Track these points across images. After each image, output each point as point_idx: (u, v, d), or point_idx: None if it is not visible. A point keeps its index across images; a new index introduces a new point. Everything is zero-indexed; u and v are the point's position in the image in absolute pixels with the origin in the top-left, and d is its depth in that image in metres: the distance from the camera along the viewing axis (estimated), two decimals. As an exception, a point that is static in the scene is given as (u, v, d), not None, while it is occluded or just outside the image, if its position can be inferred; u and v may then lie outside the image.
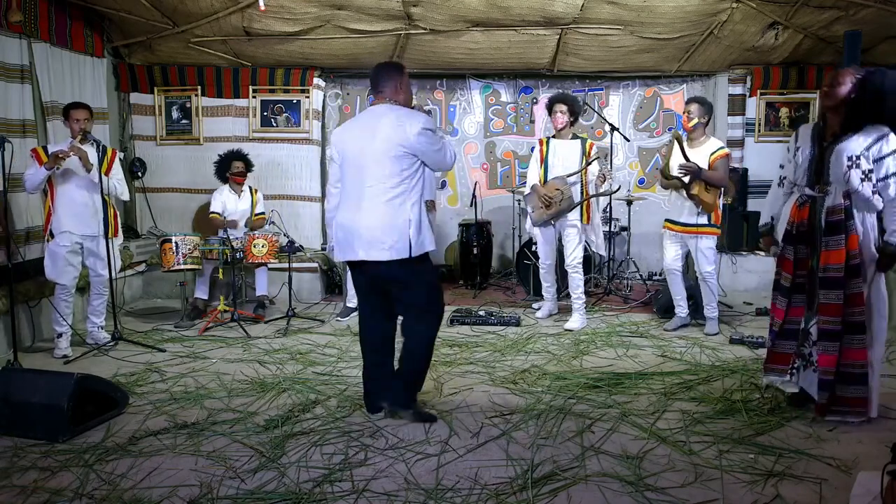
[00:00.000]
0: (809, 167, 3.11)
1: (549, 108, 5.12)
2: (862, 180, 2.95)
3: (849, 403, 3.06)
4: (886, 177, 2.95)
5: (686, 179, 4.55)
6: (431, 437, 3.05)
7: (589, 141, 5.13)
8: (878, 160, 2.95)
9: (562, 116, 5.00)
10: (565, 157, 5.06)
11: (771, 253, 3.38)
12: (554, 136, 5.14)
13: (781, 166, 3.38)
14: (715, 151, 4.62)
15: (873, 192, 2.97)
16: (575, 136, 5.14)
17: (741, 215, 6.45)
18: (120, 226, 4.79)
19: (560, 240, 5.21)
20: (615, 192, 5.40)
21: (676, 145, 4.58)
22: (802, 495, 2.49)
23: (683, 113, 4.78)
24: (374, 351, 3.31)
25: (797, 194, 3.20)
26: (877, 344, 3.09)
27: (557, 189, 4.97)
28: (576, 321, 5.06)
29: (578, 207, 5.03)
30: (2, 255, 4.17)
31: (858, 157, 2.95)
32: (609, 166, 5.60)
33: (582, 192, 5.04)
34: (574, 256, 5.08)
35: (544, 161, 5.11)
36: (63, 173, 4.34)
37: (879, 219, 3.05)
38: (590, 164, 5.00)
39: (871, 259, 3.04)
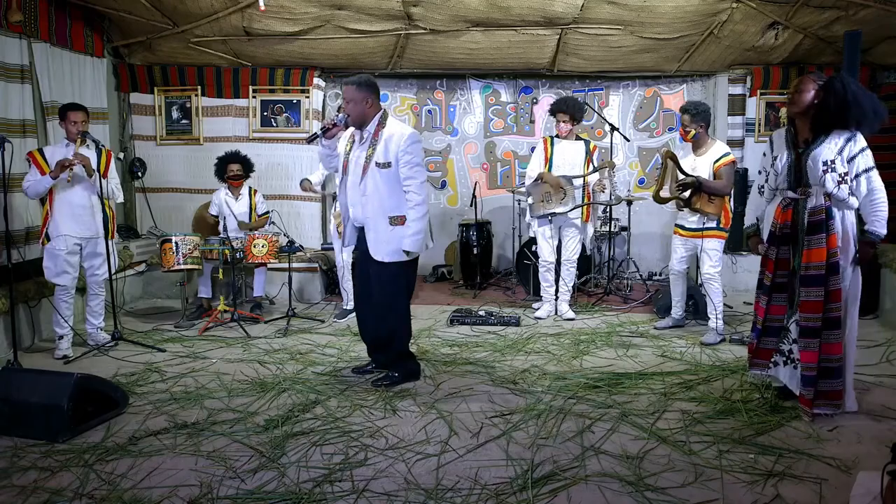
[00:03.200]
0: (789, 172, 3.23)
1: (553, 114, 5.34)
2: (839, 183, 3.10)
3: (827, 397, 3.16)
4: (858, 174, 3.10)
5: (686, 195, 4.49)
6: (431, 437, 3.05)
7: (592, 143, 5.37)
8: (851, 160, 3.09)
9: (565, 126, 5.23)
10: (570, 157, 5.28)
11: (760, 251, 3.45)
12: (558, 136, 5.32)
13: (760, 172, 3.48)
14: (719, 158, 4.52)
15: (850, 194, 3.11)
16: (578, 138, 5.35)
17: (741, 215, 6.44)
18: (116, 228, 4.78)
19: (560, 238, 5.38)
20: (614, 204, 5.44)
21: (671, 164, 4.49)
22: (802, 495, 2.49)
23: (680, 127, 4.69)
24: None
25: (780, 197, 3.30)
26: (852, 337, 3.21)
27: (561, 188, 5.12)
28: (570, 313, 5.36)
29: (580, 207, 5.22)
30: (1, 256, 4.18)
31: (833, 162, 3.09)
32: (613, 178, 5.65)
33: (583, 195, 5.23)
34: (572, 252, 5.33)
35: (549, 160, 5.29)
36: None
37: (859, 217, 3.20)
38: (596, 170, 5.19)
39: (850, 256, 3.16)
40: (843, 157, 3.09)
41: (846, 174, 3.09)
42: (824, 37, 5.91)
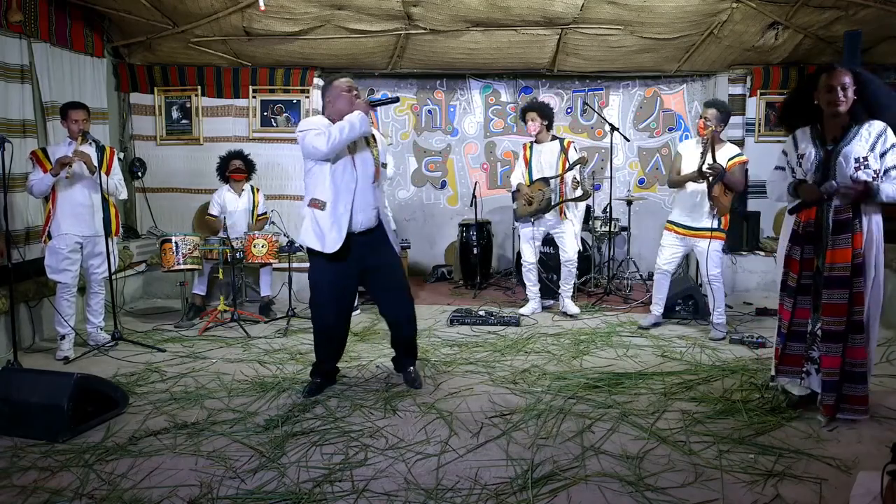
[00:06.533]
0: (816, 170, 3.11)
1: (523, 118, 5.42)
2: (872, 180, 2.97)
3: (851, 402, 3.08)
4: (888, 170, 2.98)
5: (710, 180, 4.48)
6: (431, 437, 3.05)
7: (567, 140, 5.43)
8: (882, 155, 2.99)
9: (533, 124, 5.30)
10: (547, 158, 5.38)
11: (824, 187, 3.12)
12: (536, 141, 5.43)
13: (783, 169, 3.29)
14: (733, 157, 4.57)
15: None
16: (554, 138, 5.43)
17: (741, 215, 6.45)
18: (120, 225, 4.81)
19: (545, 239, 5.55)
20: (585, 199, 5.37)
21: (710, 142, 4.54)
22: (802, 495, 2.49)
23: (700, 118, 4.65)
24: None
25: None
26: (872, 342, 3.12)
27: (539, 189, 5.27)
28: (573, 307, 5.44)
29: (556, 208, 5.30)
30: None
31: (866, 158, 2.98)
32: (589, 172, 5.69)
33: (558, 194, 5.31)
34: (571, 253, 5.37)
35: (529, 164, 5.43)
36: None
37: (886, 219, 3.08)
38: (569, 169, 5.20)
39: (876, 259, 3.05)
40: (875, 153, 2.98)
41: (877, 171, 2.98)
42: (824, 37, 5.91)
